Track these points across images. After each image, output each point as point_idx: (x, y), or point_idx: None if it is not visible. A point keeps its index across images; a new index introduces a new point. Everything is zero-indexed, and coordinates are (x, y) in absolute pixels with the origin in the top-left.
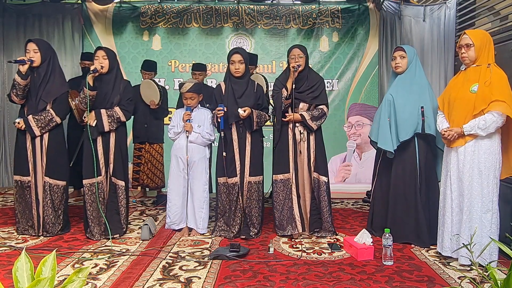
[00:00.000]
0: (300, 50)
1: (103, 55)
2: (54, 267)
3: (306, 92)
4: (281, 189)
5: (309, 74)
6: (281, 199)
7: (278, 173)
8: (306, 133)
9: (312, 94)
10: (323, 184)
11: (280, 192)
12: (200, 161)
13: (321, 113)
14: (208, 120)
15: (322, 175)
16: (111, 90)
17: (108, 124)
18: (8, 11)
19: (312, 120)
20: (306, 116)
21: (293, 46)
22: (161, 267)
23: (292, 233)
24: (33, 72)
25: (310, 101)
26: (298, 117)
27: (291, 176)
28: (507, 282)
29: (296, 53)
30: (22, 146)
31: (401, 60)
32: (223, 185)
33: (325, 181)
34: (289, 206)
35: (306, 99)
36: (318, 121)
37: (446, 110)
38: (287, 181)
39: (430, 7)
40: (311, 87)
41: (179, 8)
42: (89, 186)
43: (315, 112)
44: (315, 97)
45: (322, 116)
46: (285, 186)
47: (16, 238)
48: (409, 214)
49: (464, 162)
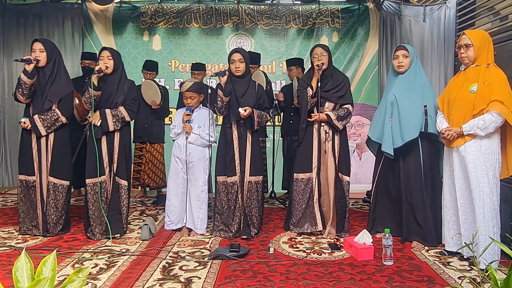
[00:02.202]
0: (322, 49)
1: (108, 55)
2: (54, 267)
3: (331, 91)
4: (301, 188)
5: (333, 73)
6: (301, 198)
7: (299, 171)
8: (331, 133)
9: (338, 93)
10: (346, 184)
11: (300, 191)
12: (199, 162)
13: (346, 112)
14: (208, 121)
15: (345, 175)
16: (116, 90)
17: (113, 124)
18: (8, 11)
19: (338, 120)
20: (332, 116)
21: (316, 45)
22: (161, 267)
23: (311, 230)
24: (38, 72)
25: (336, 100)
26: (324, 117)
27: (313, 176)
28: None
29: (318, 51)
30: (27, 146)
31: (404, 59)
32: (222, 184)
33: (348, 181)
34: (310, 204)
35: (331, 98)
36: (344, 121)
37: (445, 110)
38: (308, 180)
39: (430, 7)
40: (336, 86)
41: (179, 8)
42: (92, 186)
43: (340, 112)
44: (341, 96)
45: (347, 116)
46: (306, 185)
47: (16, 238)
48: (415, 213)
49: (466, 161)
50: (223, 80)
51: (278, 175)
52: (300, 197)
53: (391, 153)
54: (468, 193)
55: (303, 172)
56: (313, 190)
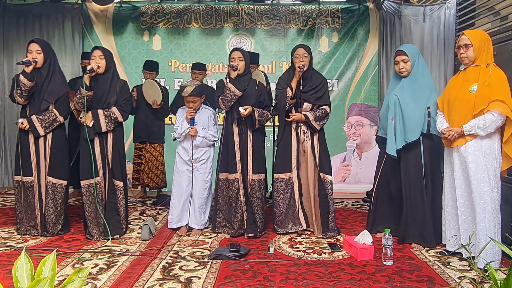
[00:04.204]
0: (304, 50)
1: (99, 54)
2: (54, 267)
3: (310, 92)
4: (282, 188)
5: (313, 74)
6: (282, 198)
7: (280, 172)
8: (309, 133)
9: (316, 94)
10: (329, 183)
11: (281, 191)
12: (205, 162)
13: (324, 113)
14: (211, 121)
15: (327, 174)
16: (108, 90)
17: (106, 125)
18: (8, 11)
19: (316, 120)
20: (310, 116)
21: (298, 46)
22: (161, 267)
23: (295, 230)
24: (35, 73)
25: (314, 101)
26: (302, 117)
27: (293, 175)
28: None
29: (300, 52)
30: (25, 146)
31: (404, 65)
32: (224, 180)
33: (331, 180)
34: (292, 204)
35: (309, 99)
36: (321, 122)
37: (445, 110)
38: (288, 180)
39: (430, 7)
40: (315, 87)
41: (179, 8)
42: (87, 187)
43: (318, 113)
44: (319, 97)
45: (325, 117)
46: (287, 185)
47: (16, 238)
48: (415, 214)
49: (467, 161)
50: (233, 74)
51: None
52: (281, 197)
53: (395, 155)
54: (468, 193)
55: (284, 172)
56: (293, 190)
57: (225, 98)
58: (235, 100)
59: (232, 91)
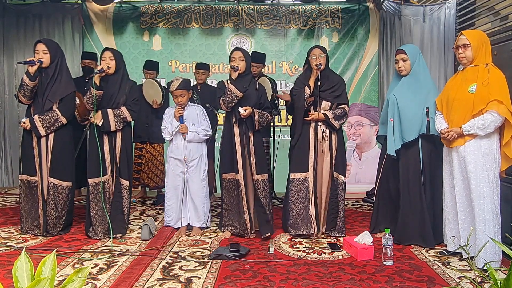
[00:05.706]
0: (321, 50)
1: (110, 56)
2: (54, 267)
3: (328, 90)
4: (297, 187)
5: (329, 74)
6: (297, 198)
7: (296, 171)
8: (328, 132)
9: (334, 93)
10: (342, 184)
11: (297, 191)
12: (198, 160)
13: (343, 112)
14: (201, 116)
15: (341, 175)
16: (117, 90)
17: (115, 124)
18: (8, 11)
19: (335, 119)
20: (329, 115)
21: (314, 46)
22: (161, 267)
23: (306, 232)
24: (41, 73)
25: (333, 99)
26: (321, 116)
27: (309, 175)
28: (507, 282)
29: (317, 52)
30: (28, 146)
31: (403, 63)
32: (228, 181)
33: (344, 180)
34: (306, 205)
35: (328, 98)
36: (341, 120)
37: (444, 110)
38: (304, 180)
39: (430, 7)
40: (332, 86)
41: (179, 8)
42: (95, 185)
43: (337, 111)
44: (337, 96)
45: (344, 116)
46: (303, 185)
47: (16, 238)
48: (414, 215)
49: (466, 161)
50: (234, 75)
51: (278, 175)
52: (296, 197)
53: (394, 155)
54: (467, 193)
55: (300, 172)
56: (309, 190)
57: (226, 99)
58: (236, 101)
59: (233, 92)
